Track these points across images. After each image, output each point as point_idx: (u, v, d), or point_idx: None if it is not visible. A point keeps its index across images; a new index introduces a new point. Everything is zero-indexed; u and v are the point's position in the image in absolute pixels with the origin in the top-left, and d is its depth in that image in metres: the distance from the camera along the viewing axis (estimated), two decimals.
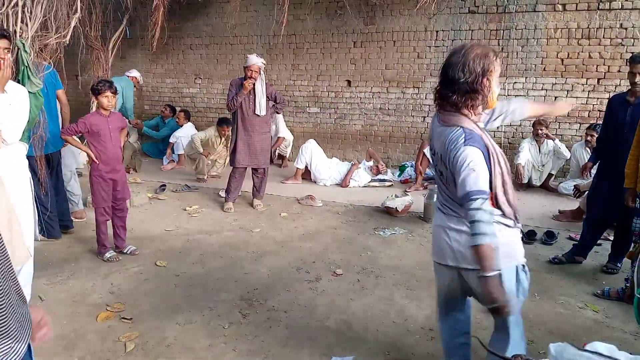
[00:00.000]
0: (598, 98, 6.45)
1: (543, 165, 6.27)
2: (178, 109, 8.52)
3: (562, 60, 6.54)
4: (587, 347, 1.44)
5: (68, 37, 3.92)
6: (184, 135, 7.72)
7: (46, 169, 4.23)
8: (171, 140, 7.80)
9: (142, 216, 5.17)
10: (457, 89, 1.94)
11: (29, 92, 3.21)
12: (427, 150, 6.47)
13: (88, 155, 3.92)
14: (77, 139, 4.12)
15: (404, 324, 3.07)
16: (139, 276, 3.73)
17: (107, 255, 4.00)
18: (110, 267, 3.86)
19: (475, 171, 1.82)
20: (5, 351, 1.05)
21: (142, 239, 4.48)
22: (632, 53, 4.37)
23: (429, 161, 6.50)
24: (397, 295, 3.45)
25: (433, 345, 2.84)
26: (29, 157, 3.31)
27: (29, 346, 1.15)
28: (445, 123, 1.99)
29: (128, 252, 4.12)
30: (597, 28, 6.28)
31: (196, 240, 4.52)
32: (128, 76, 7.60)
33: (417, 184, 6.42)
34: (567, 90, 6.59)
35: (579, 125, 6.62)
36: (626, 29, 6.16)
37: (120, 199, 4.08)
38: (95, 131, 3.84)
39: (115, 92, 3.89)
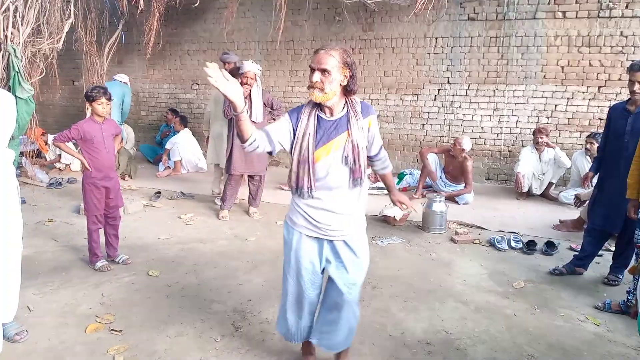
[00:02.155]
0: (598, 106, 6.40)
1: (543, 174, 6.21)
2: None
3: (563, 68, 6.50)
4: None
5: (61, 42, 3.86)
6: (181, 141, 7.66)
7: None
8: (167, 146, 7.74)
9: (136, 224, 5.10)
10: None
11: (20, 98, 3.15)
12: (430, 156, 6.37)
13: (81, 162, 3.86)
14: (71, 146, 4.06)
15: (400, 338, 3.00)
16: (130, 286, 3.65)
17: (99, 264, 3.92)
18: (101, 277, 3.78)
19: None
20: None
21: (134, 248, 4.40)
22: (633, 61, 4.31)
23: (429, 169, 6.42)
24: (394, 307, 3.38)
25: None
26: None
27: None
28: None
29: (120, 262, 4.05)
30: (597, 36, 6.24)
31: (190, 249, 4.44)
32: (121, 81, 7.50)
33: (417, 193, 6.29)
34: (567, 98, 6.54)
35: (579, 133, 6.56)
36: (627, 36, 6.12)
37: (113, 206, 4.01)
38: (88, 138, 3.77)
39: (109, 99, 3.83)
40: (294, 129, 2.28)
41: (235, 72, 5.36)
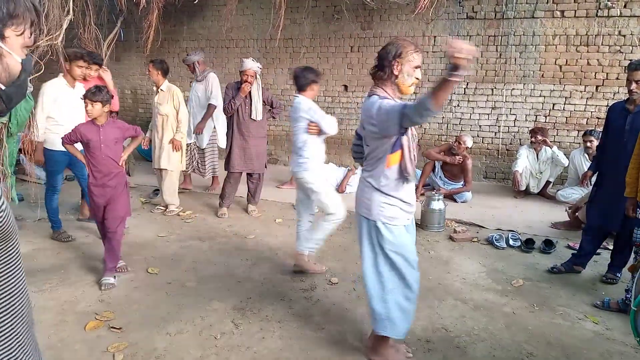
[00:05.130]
0: (596, 105, 6.41)
1: (541, 173, 6.23)
2: None
3: (561, 67, 6.51)
4: None
5: (60, 39, 3.84)
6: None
7: None
8: None
9: (135, 221, 5.07)
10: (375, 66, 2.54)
11: None
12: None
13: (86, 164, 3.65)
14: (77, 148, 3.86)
15: None
16: (129, 284, 3.64)
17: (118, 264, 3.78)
18: (100, 275, 3.75)
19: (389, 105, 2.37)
20: None
21: (133, 245, 4.39)
22: (631, 60, 4.33)
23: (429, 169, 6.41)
24: None
25: (430, 357, 2.77)
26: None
27: None
28: (367, 95, 2.56)
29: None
30: (595, 35, 6.25)
31: (189, 247, 4.44)
32: None
33: (417, 194, 6.23)
34: (565, 97, 6.56)
35: (577, 132, 6.57)
36: (624, 36, 6.13)
37: (110, 218, 3.57)
38: (85, 141, 3.52)
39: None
40: None
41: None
